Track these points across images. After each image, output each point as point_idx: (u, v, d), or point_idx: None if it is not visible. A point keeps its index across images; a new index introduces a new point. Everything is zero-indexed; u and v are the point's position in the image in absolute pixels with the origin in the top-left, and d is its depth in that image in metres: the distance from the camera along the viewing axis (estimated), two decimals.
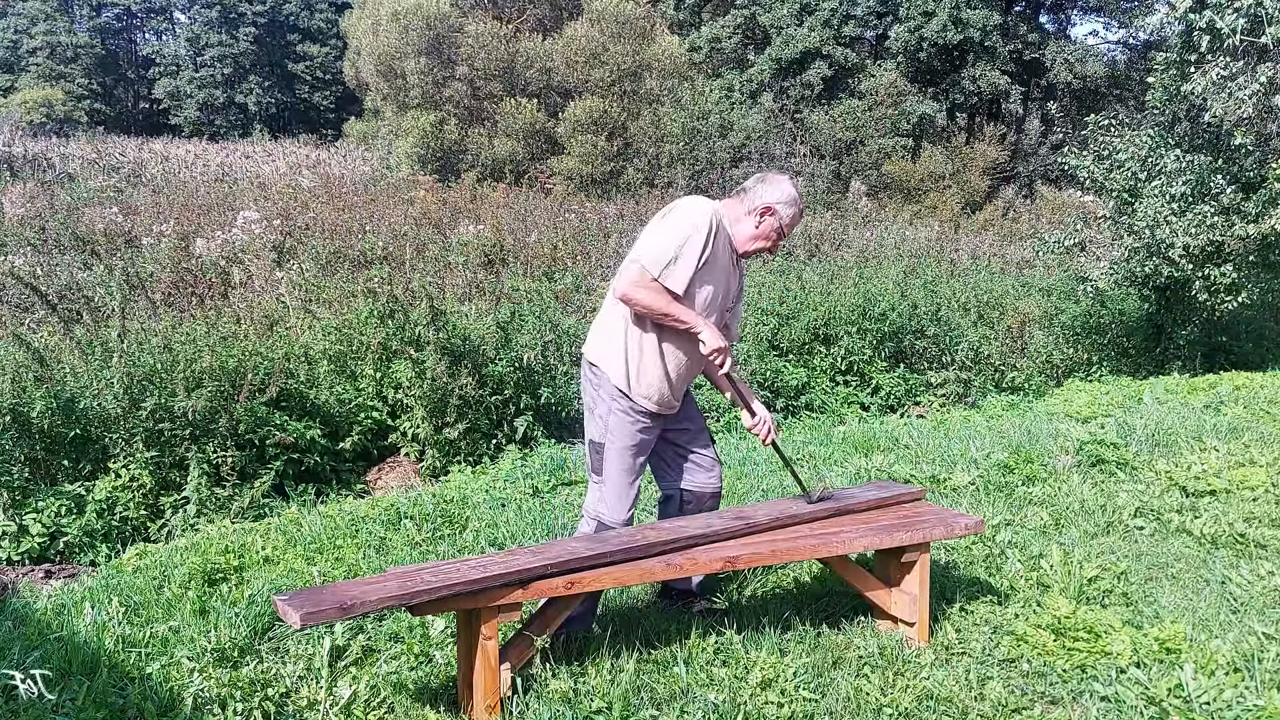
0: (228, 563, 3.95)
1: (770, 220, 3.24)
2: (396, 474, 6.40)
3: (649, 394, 3.19)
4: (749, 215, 3.25)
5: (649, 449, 3.30)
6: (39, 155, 21.88)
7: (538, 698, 2.80)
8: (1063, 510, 4.67)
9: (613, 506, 3.23)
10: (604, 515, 3.24)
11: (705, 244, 3.10)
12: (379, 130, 27.15)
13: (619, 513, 3.23)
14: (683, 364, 3.23)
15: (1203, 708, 2.81)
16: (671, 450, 3.41)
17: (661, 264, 3.06)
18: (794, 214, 3.28)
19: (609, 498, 3.24)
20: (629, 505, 3.25)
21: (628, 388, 3.18)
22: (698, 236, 3.08)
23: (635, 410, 3.19)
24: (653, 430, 3.27)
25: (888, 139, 23.96)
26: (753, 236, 3.26)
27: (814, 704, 2.85)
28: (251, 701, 2.75)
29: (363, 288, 7.49)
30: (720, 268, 3.21)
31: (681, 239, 3.08)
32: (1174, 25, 9.40)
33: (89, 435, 5.43)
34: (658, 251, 3.08)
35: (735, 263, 3.31)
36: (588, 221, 14.06)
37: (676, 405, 3.32)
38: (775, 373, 8.43)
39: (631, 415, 3.19)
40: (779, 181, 3.29)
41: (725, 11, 28.44)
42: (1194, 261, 9.23)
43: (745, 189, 3.30)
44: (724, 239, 3.22)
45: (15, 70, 45.10)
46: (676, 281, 3.08)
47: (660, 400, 3.22)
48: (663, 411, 3.26)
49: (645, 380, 3.18)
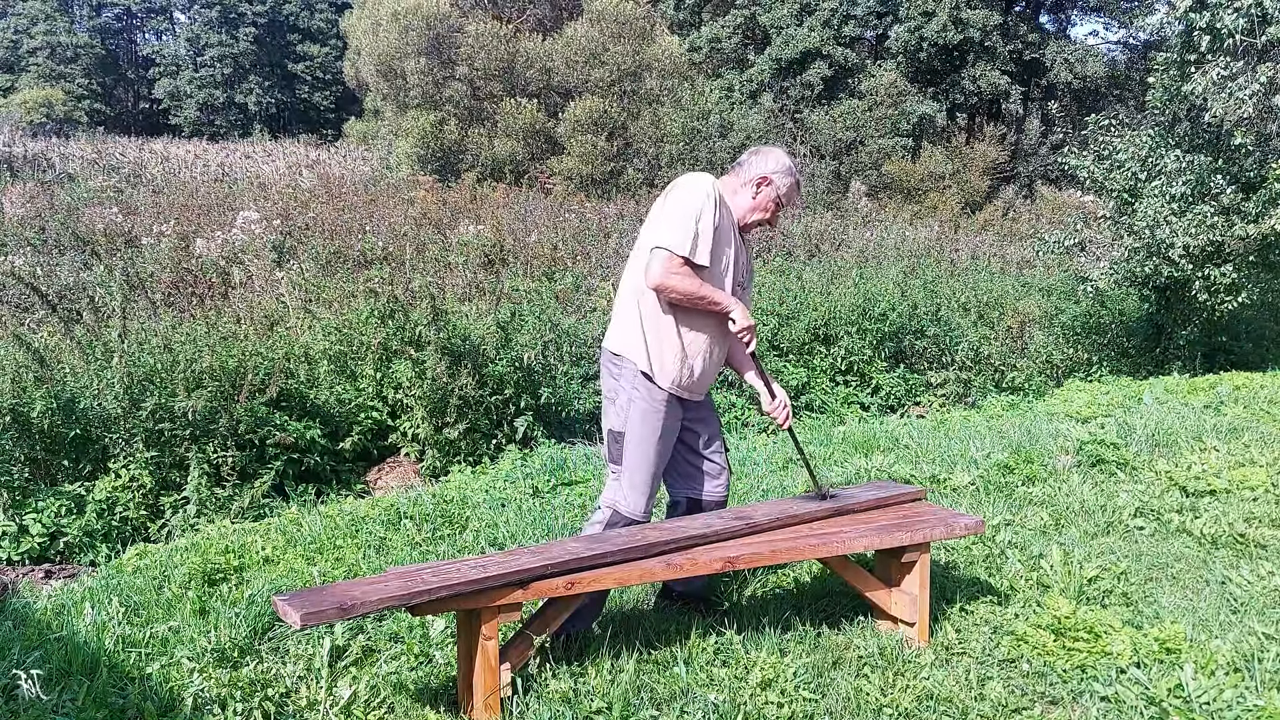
0: (228, 563, 3.95)
1: (767, 190, 3.25)
2: (396, 474, 6.40)
3: (671, 378, 3.16)
4: (745, 187, 3.27)
5: (671, 440, 3.25)
6: (39, 155, 21.90)
7: (538, 698, 2.80)
8: (1063, 510, 4.67)
9: (631, 498, 3.18)
10: (621, 505, 3.19)
11: (715, 212, 3.11)
12: (379, 130, 27.17)
13: (637, 504, 3.18)
14: (702, 345, 3.21)
15: (1203, 708, 2.80)
16: (682, 454, 3.38)
17: (688, 242, 3.05)
18: (790, 184, 3.28)
19: (627, 488, 3.19)
20: (648, 497, 3.20)
21: (651, 371, 3.15)
22: (708, 206, 3.09)
23: (656, 398, 3.16)
24: (674, 420, 3.22)
25: (888, 139, 23.97)
26: (751, 208, 3.27)
27: (814, 704, 2.85)
28: (251, 701, 2.75)
29: (363, 288, 7.50)
30: (729, 239, 3.22)
31: (695, 212, 3.07)
32: (1174, 25, 9.41)
33: (89, 435, 5.43)
34: (678, 232, 3.06)
35: (740, 236, 3.31)
36: (588, 221, 14.07)
37: (700, 393, 3.29)
38: (775, 373, 8.43)
39: (653, 403, 3.15)
40: (772, 152, 3.30)
41: (725, 11, 28.46)
42: (1194, 261, 9.23)
43: (740, 163, 3.32)
44: (727, 211, 3.22)
45: (15, 70, 45.13)
46: (703, 254, 3.08)
47: (683, 384, 3.19)
48: (685, 397, 3.23)
49: (665, 364, 3.16)
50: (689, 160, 21.91)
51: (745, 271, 3.36)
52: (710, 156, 22.07)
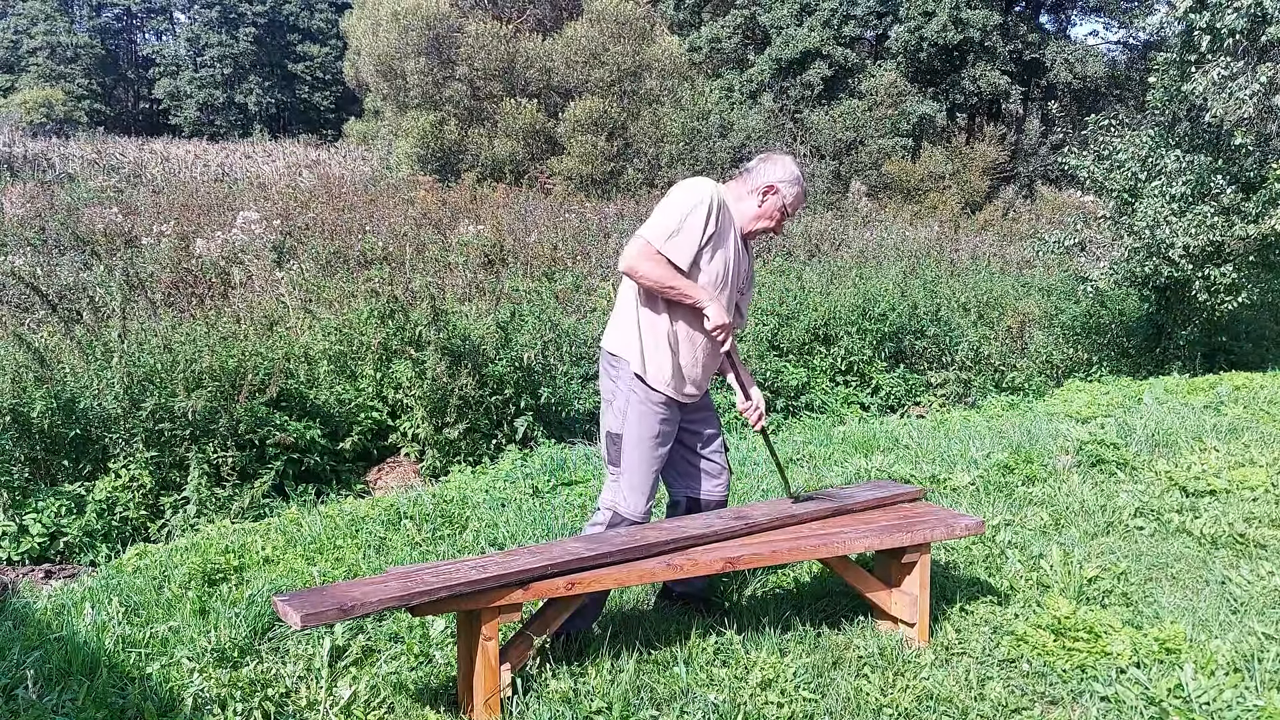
0: (228, 563, 3.95)
1: (773, 199, 3.23)
2: (396, 474, 6.40)
3: (664, 379, 3.16)
4: (751, 194, 3.24)
5: (669, 440, 3.25)
6: (39, 155, 21.90)
7: (538, 698, 2.80)
8: (1063, 510, 4.67)
9: (630, 499, 3.19)
10: (620, 507, 3.19)
11: (708, 218, 3.08)
12: (379, 130, 27.17)
13: (637, 506, 3.19)
14: (695, 346, 3.20)
15: (1203, 708, 2.80)
16: (681, 454, 3.38)
17: (664, 235, 3.05)
18: (797, 193, 3.26)
19: (626, 490, 3.19)
20: (647, 498, 3.20)
21: (644, 372, 3.15)
22: (700, 209, 3.07)
23: (652, 399, 3.16)
24: (671, 421, 3.23)
25: (888, 139, 23.97)
26: (756, 216, 3.25)
27: (814, 704, 2.85)
28: (251, 701, 2.75)
29: (363, 288, 7.50)
30: (728, 245, 3.19)
31: (685, 211, 3.07)
32: (1174, 25, 9.41)
33: (89, 435, 5.43)
34: (660, 225, 3.07)
35: (742, 243, 3.30)
36: (588, 221, 14.07)
37: (696, 395, 3.29)
38: (775, 373, 8.43)
39: (649, 404, 3.16)
40: (781, 160, 3.28)
41: (725, 11, 28.46)
42: (1194, 262, 9.23)
43: (748, 169, 3.30)
44: (728, 218, 3.20)
45: (15, 70, 45.14)
46: (679, 252, 3.05)
47: (675, 386, 3.19)
48: (680, 399, 3.23)
49: (659, 365, 3.16)
50: (689, 160, 21.90)
51: (745, 278, 3.35)
52: (710, 156, 22.07)
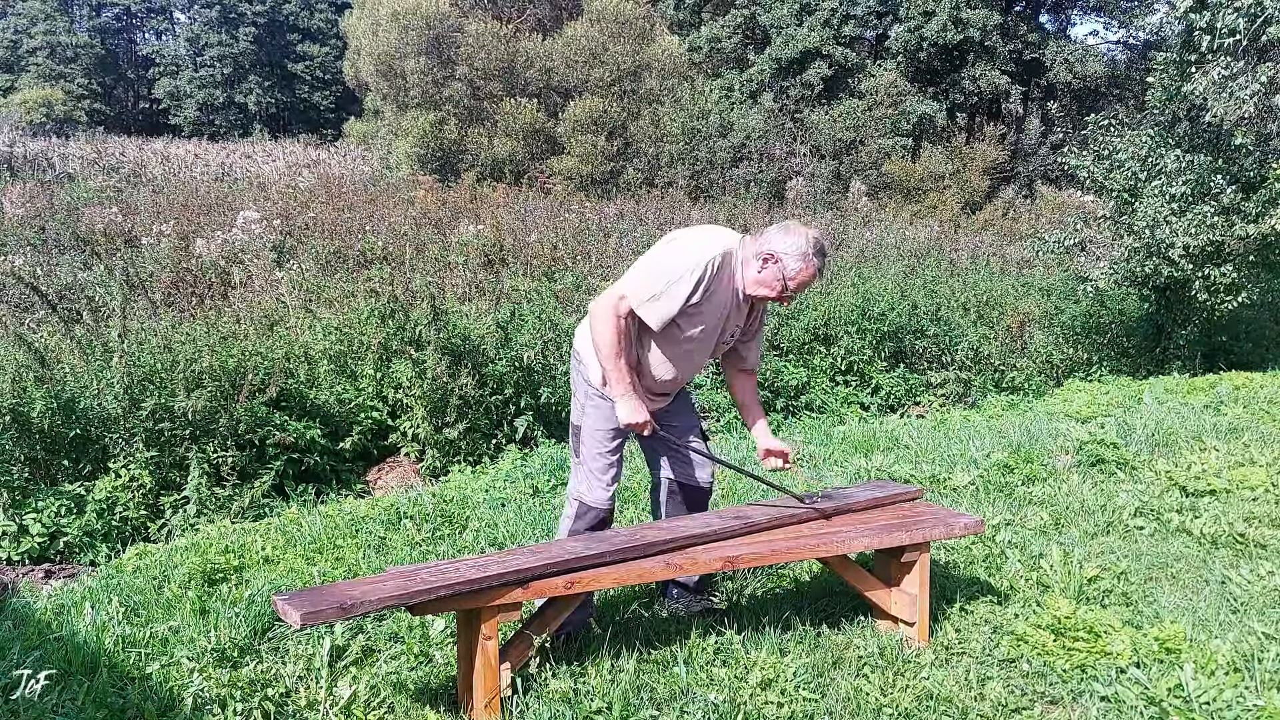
0: (228, 563, 3.95)
1: (773, 268, 3.08)
2: (396, 474, 6.40)
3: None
4: (755, 258, 3.11)
5: (625, 434, 3.29)
6: (39, 155, 21.88)
7: (538, 698, 2.80)
8: (1063, 510, 4.67)
9: (590, 487, 3.26)
10: (585, 496, 3.27)
11: (695, 289, 3.00)
12: (379, 130, 27.13)
13: (597, 493, 3.25)
14: (649, 372, 3.22)
15: (1203, 708, 2.80)
16: (649, 443, 3.43)
17: (645, 298, 3.03)
18: (800, 269, 3.07)
19: (585, 478, 3.27)
20: (605, 486, 3.26)
21: (598, 382, 3.20)
22: (689, 279, 3.00)
23: (605, 397, 3.20)
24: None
25: (888, 139, 23.95)
26: (755, 282, 3.11)
27: (814, 704, 2.85)
28: (251, 701, 2.75)
29: (363, 288, 7.49)
30: (718, 306, 3.12)
31: (673, 278, 3.01)
32: (1174, 25, 9.42)
33: (89, 435, 5.43)
34: (644, 285, 3.04)
35: (742, 302, 3.19)
36: (588, 221, 14.04)
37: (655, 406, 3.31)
38: (775, 373, 8.43)
39: (605, 405, 3.21)
40: (798, 231, 3.10)
41: (725, 11, 28.43)
42: (1194, 261, 9.23)
43: (763, 230, 3.18)
44: (728, 278, 3.11)
45: (15, 70, 45.12)
46: (653, 317, 3.04)
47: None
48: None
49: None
50: (689, 160, 21.90)
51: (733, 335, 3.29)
52: (710, 156, 22.07)
